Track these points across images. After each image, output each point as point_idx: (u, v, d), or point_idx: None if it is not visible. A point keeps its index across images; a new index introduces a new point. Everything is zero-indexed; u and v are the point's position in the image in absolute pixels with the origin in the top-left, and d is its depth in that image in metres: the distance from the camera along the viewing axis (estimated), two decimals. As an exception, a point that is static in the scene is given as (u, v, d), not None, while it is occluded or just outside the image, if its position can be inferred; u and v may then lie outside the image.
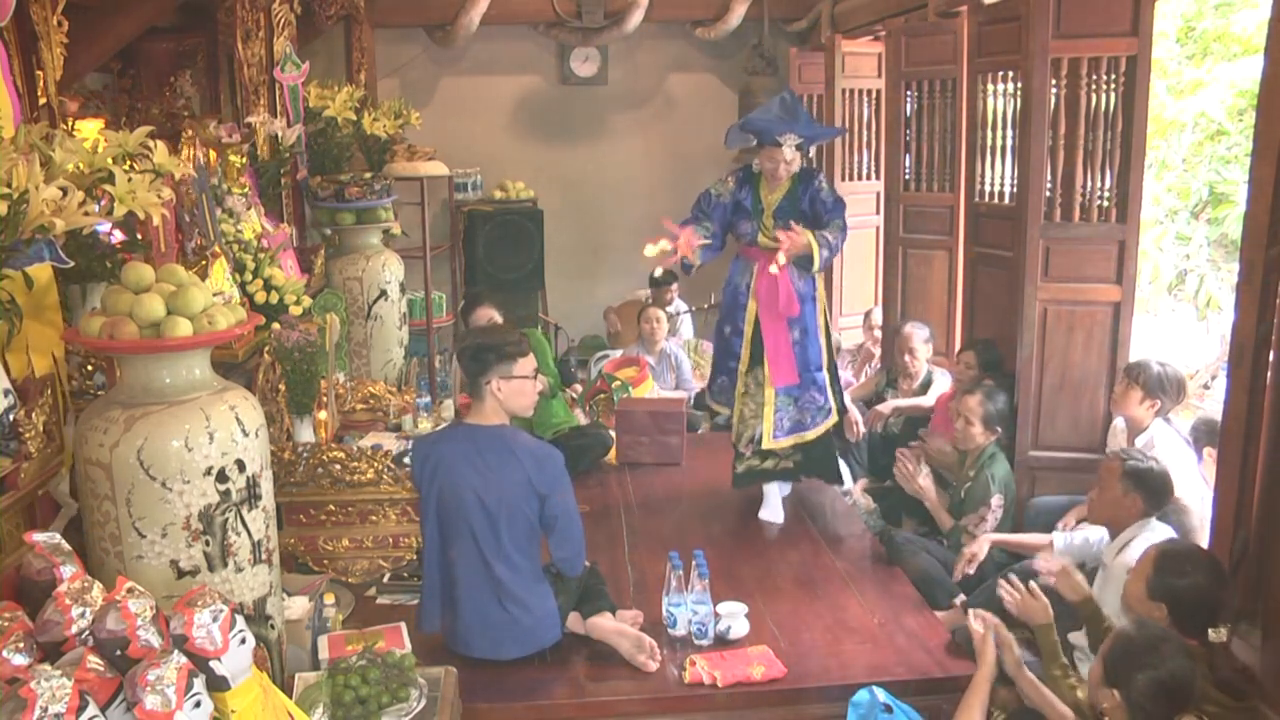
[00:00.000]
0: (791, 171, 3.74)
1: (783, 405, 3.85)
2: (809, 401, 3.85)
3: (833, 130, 4.63)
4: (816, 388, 3.85)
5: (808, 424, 3.87)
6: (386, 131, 5.68)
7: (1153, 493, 2.99)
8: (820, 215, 3.74)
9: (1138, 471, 2.99)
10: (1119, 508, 3.03)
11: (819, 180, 3.78)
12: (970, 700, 2.54)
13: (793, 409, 3.86)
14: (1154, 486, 2.99)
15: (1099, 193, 4.02)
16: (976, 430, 3.78)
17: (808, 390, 3.84)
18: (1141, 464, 3.01)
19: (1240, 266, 2.68)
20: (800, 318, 3.79)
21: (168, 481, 2.06)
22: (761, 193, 3.81)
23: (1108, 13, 3.88)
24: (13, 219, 1.93)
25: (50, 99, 2.76)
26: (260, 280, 3.40)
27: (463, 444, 2.81)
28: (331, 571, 3.30)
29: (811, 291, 3.83)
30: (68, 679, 1.49)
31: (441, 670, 2.49)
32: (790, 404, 3.86)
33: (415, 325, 5.88)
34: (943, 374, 4.74)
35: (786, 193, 3.77)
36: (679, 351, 5.83)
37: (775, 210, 3.78)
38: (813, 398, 3.85)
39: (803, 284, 3.79)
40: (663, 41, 7.39)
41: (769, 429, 3.85)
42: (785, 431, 3.86)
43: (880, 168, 5.80)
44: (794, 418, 3.87)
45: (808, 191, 3.75)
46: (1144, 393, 3.62)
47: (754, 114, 3.93)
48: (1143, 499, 2.99)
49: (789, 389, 3.83)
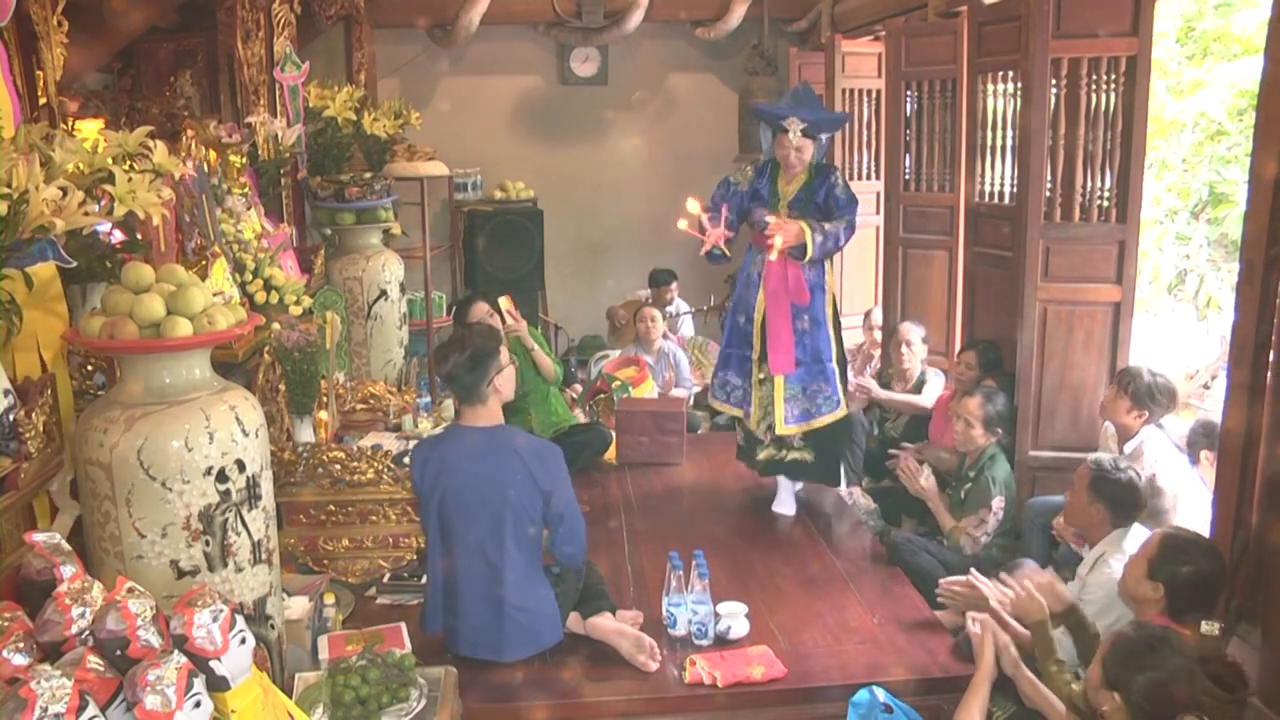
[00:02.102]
0: (805, 160, 3.74)
1: (792, 394, 3.88)
2: (817, 391, 3.87)
3: (839, 116, 4.59)
4: (825, 379, 3.86)
5: (814, 413, 3.88)
6: (386, 131, 5.68)
7: (1118, 505, 2.97)
8: (833, 210, 3.76)
9: (1102, 483, 2.98)
10: (1086, 515, 3.04)
11: (835, 176, 3.79)
12: (969, 701, 2.55)
13: (802, 398, 3.88)
14: (1119, 499, 2.97)
15: (1099, 193, 4.02)
16: (977, 432, 3.78)
17: (816, 380, 3.86)
18: (1109, 475, 2.98)
19: (1240, 266, 2.68)
20: (809, 306, 3.81)
21: (168, 481, 2.06)
22: (779, 183, 3.84)
23: (1108, 13, 3.88)
24: (13, 219, 1.93)
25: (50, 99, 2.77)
26: (260, 280, 3.39)
27: (464, 446, 2.81)
28: (331, 571, 3.30)
29: (821, 281, 3.84)
30: (68, 679, 1.49)
31: (441, 670, 2.50)
32: (800, 392, 3.88)
33: (415, 325, 5.88)
34: (936, 375, 4.73)
35: (803, 185, 3.79)
36: (677, 350, 5.83)
37: (791, 201, 3.80)
38: (820, 388, 3.86)
39: (811, 273, 3.80)
40: (663, 41, 7.39)
41: (780, 415, 3.88)
42: (795, 419, 3.89)
43: (880, 168, 5.80)
44: (803, 406, 3.89)
45: (824, 186, 3.77)
46: (1132, 402, 3.61)
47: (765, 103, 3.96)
48: (1107, 510, 2.98)
49: (798, 378, 3.85)
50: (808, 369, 3.85)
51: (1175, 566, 2.43)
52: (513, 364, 2.97)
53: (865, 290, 6.12)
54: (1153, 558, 2.48)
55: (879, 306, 5.62)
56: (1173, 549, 2.46)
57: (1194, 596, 2.42)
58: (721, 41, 7.13)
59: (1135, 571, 2.53)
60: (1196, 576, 2.41)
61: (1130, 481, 2.97)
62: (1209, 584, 2.43)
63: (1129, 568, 2.58)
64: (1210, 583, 2.43)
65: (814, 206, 3.77)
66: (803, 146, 3.71)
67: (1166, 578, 2.44)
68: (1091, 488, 3.01)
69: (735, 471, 4.26)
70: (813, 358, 3.84)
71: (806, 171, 3.78)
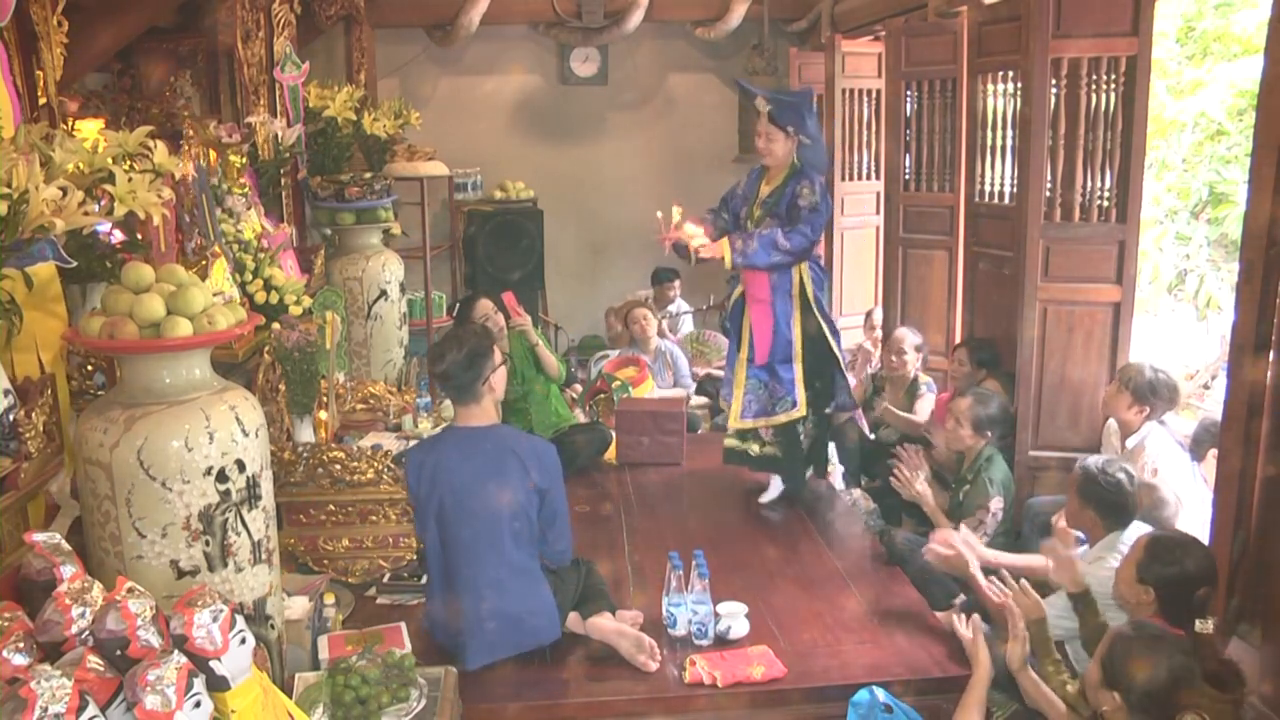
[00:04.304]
0: (774, 151, 3.77)
1: (752, 388, 3.96)
2: (775, 389, 3.93)
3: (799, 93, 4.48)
4: (778, 379, 3.92)
5: (771, 411, 3.95)
6: (386, 131, 5.68)
7: (1108, 508, 2.96)
8: (796, 219, 3.75)
9: (1090, 488, 2.97)
10: (1080, 520, 3.04)
11: (803, 185, 3.75)
12: (968, 701, 2.55)
13: (762, 393, 3.95)
14: (1108, 502, 2.95)
15: (1099, 193, 4.02)
16: (965, 433, 3.78)
17: (774, 378, 3.92)
18: (1096, 480, 2.96)
19: (1240, 266, 2.68)
20: (771, 306, 3.85)
21: (168, 481, 2.06)
22: (762, 184, 3.88)
23: (1108, 13, 3.88)
24: (13, 219, 1.93)
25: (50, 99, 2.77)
26: (260, 280, 3.40)
27: (461, 446, 2.81)
28: (331, 571, 3.30)
29: (786, 286, 3.86)
30: (68, 679, 1.49)
31: (441, 670, 2.50)
32: (760, 388, 3.95)
33: (415, 325, 5.88)
34: (930, 387, 4.71)
35: (776, 188, 3.80)
36: (675, 349, 5.84)
37: (763, 203, 3.82)
38: (776, 388, 3.93)
39: (776, 275, 3.84)
40: (663, 41, 7.39)
41: (737, 409, 3.99)
42: (752, 414, 3.97)
43: (880, 168, 5.80)
44: (762, 401, 3.95)
45: (791, 192, 3.76)
46: (1133, 398, 3.61)
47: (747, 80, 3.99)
48: (1098, 514, 2.98)
49: (760, 372, 3.93)
50: (769, 369, 3.91)
51: (1163, 568, 2.43)
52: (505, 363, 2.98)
53: (865, 290, 6.12)
54: (1140, 561, 2.48)
55: (879, 307, 5.62)
56: (1159, 552, 2.46)
57: (1185, 597, 2.41)
58: (721, 41, 7.13)
59: (1125, 575, 2.53)
60: (1185, 577, 2.41)
61: (1119, 484, 2.94)
62: (1198, 584, 2.42)
63: (1119, 572, 2.58)
64: (1199, 583, 2.42)
65: (778, 213, 3.78)
66: (771, 135, 3.74)
67: (1155, 580, 2.44)
68: (1080, 493, 3.01)
69: (735, 471, 4.27)
70: (771, 355, 3.90)
71: (785, 173, 3.79)
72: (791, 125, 3.74)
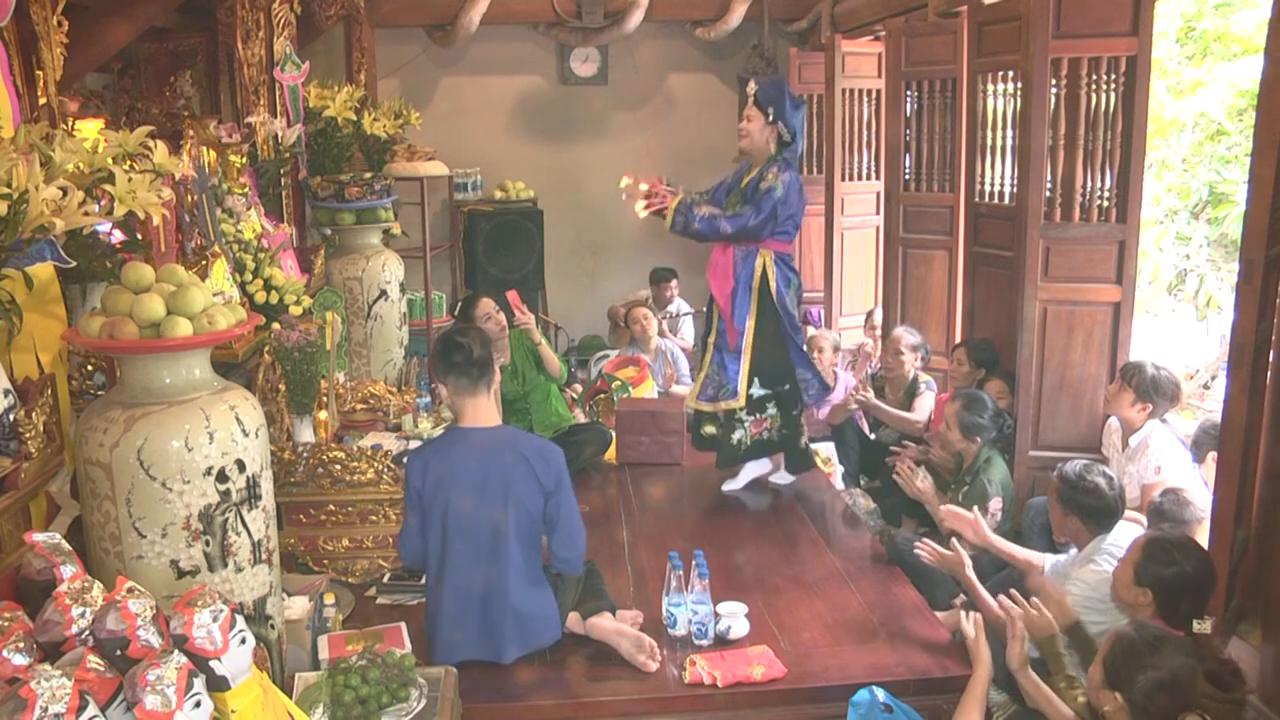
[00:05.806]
0: (751, 133, 3.82)
1: (712, 374, 4.04)
2: (722, 378, 4.01)
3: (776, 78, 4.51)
4: (724, 369, 3.99)
5: (717, 397, 4.02)
6: (386, 131, 5.69)
7: (1088, 513, 2.95)
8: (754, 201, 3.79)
9: (1069, 496, 2.97)
10: (1064, 528, 3.04)
11: (769, 173, 3.78)
12: (968, 700, 2.54)
13: (718, 378, 4.02)
14: (1087, 507, 2.95)
15: (1099, 193, 4.02)
16: (955, 435, 3.79)
17: (723, 367, 4.00)
18: (1077, 487, 2.95)
19: (1240, 266, 2.69)
20: (731, 298, 3.90)
21: (168, 481, 2.06)
22: (746, 173, 3.91)
23: (1108, 13, 3.88)
24: (13, 219, 1.93)
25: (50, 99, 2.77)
26: (260, 280, 3.39)
27: (466, 447, 2.79)
28: (331, 571, 3.30)
29: (748, 279, 3.88)
30: (68, 679, 1.49)
31: (441, 670, 2.49)
32: (718, 373, 4.02)
33: (415, 325, 5.88)
34: (930, 386, 4.71)
35: (752, 178, 3.86)
36: (675, 349, 5.83)
37: (741, 191, 3.89)
38: (722, 377, 4.00)
39: (743, 269, 3.87)
40: (663, 41, 7.39)
41: (696, 389, 4.11)
42: (707, 398, 4.05)
43: (880, 168, 5.80)
44: (715, 386, 4.02)
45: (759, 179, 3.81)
46: (1135, 395, 3.61)
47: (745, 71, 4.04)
48: (1081, 521, 2.97)
49: (718, 361, 4.00)
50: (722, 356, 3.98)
51: (1160, 570, 2.43)
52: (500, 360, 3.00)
53: (865, 290, 6.12)
54: (1137, 563, 2.48)
55: (879, 307, 5.62)
56: (1156, 553, 2.46)
57: (1182, 598, 2.42)
58: (721, 41, 7.13)
59: (1123, 577, 2.53)
60: (1182, 578, 2.42)
61: (1096, 488, 2.94)
62: (1195, 585, 2.42)
63: (1117, 574, 2.57)
64: (1197, 583, 2.43)
65: (751, 199, 3.81)
66: (751, 115, 3.80)
67: (1152, 582, 2.44)
68: (1061, 500, 3.01)
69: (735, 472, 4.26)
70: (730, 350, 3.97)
71: (763, 164, 3.83)
72: (772, 107, 3.78)
